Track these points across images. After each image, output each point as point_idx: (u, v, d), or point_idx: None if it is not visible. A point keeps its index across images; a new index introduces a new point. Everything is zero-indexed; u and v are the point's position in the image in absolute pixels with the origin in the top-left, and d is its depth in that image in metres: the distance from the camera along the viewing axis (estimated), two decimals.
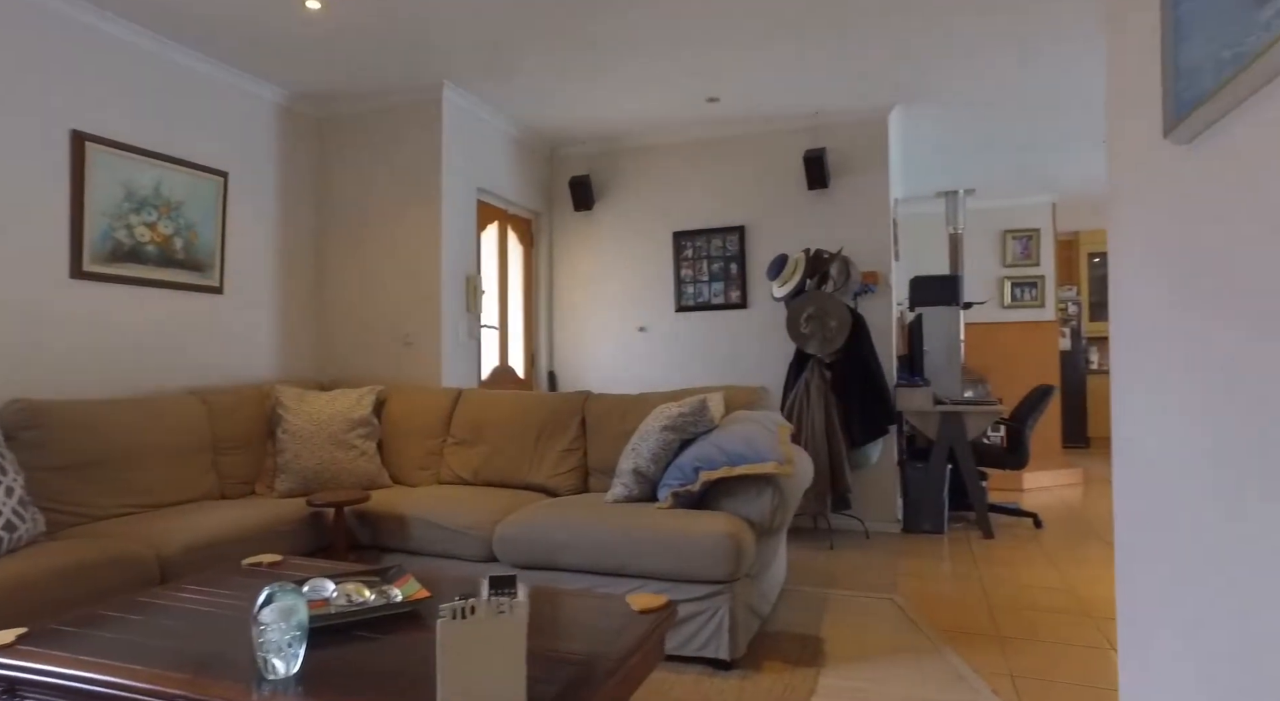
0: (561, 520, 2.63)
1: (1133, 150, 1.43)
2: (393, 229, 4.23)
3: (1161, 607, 1.32)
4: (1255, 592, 0.98)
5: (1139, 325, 1.42)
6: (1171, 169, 1.25)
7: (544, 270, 5.30)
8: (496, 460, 3.43)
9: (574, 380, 5.23)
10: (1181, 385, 1.21)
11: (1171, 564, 1.27)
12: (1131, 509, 1.47)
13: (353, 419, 3.46)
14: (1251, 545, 0.99)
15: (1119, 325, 1.54)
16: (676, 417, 2.65)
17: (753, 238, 4.79)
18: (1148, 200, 1.36)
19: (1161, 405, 1.30)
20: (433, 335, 4.15)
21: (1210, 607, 1.12)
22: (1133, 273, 1.45)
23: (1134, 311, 1.45)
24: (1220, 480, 1.08)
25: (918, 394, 4.42)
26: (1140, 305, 1.42)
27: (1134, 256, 1.44)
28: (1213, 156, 1.12)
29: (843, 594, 3.25)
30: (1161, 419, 1.30)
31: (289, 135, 4.16)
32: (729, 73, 3.99)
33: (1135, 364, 1.44)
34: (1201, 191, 1.15)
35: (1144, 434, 1.39)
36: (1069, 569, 3.64)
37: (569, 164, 5.28)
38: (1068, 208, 7.43)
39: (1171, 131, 1.19)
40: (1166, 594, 1.29)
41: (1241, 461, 1.01)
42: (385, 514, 2.91)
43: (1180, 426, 1.22)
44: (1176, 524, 1.25)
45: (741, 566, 2.41)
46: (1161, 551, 1.31)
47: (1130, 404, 1.47)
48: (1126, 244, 1.48)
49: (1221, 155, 1.09)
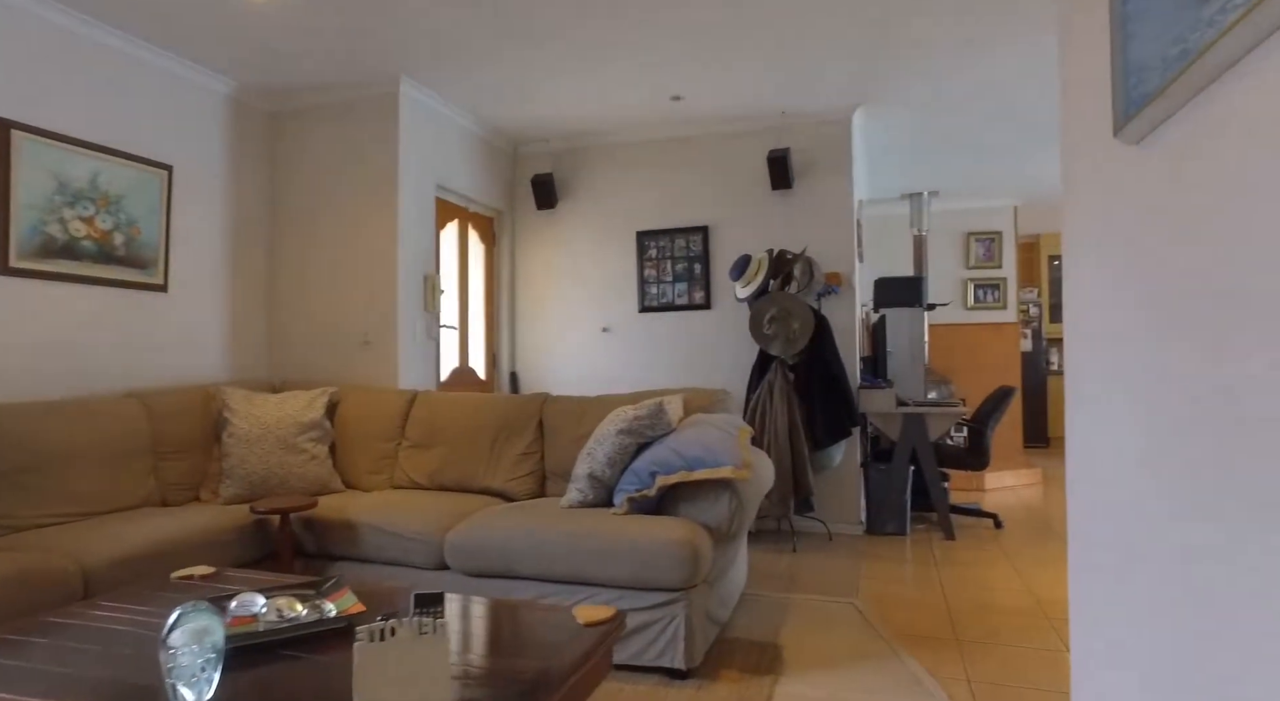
0: (514, 527, 2.56)
1: (1084, 150, 1.40)
2: (348, 226, 4.12)
3: (1109, 607, 1.30)
4: (1199, 601, 0.95)
5: (1089, 328, 1.40)
6: (1121, 169, 1.23)
7: (506, 269, 5.21)
8: (452, 464, 3.34)
9: (536, 381, 5.15)
10: (1126, 390, 1.19)
11: (1118, 567, 1.24)
12: (1082, 509, 1.45)
13: (303, 422, 3.35)
14: (1193, 550, 0.96)
15: (1072, 327, 1.52)
16: (633, 421, 2.59)
17: (716, 238, 4.75)
18: (1098, 201, 1.34)
19: (1109, 410, 1.28)
20: (389, 335, 4.04)
21: (1154, 611, 1.09)
22: (1084, 275, 1.42)
23: (1085, 314, 1.43)
24: (1161, 486, 1.05)
25: (881, 395, 4.42)
26: (1090, 308, 1.39)
27: (1085, 259, 1.42)
28: (1161, 156, 1.09)
29: (803, 598, 3.22)
30: (1111, 424, 1.28)
31: (239, 128, 4.03)
32: (693, 71, 3.95)
33: (1085, 367, 1.42)
34: (1149, 192, 1.12)
35: (1095, 437, 1.36)
36: (1028, 570, 3.66)
37: (532, 162, 5.20)
38: (1029, 210, 7.52)
39: (1121, 130, 1.17)
40: (1114, 594, 1.27)
41: (1180, 470, 0.98)
42: (333, 520, 2.82)
43: (1128, 432, 1.20)
44: (1124, 527, 1.22)
45: (698, 573, 2.37)
46: (1110, 552, 1.29)
47: (1081, 407, 1.44)
48: (1078, 246, 1.46)
49: (1168, 155, 1.06)
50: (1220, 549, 0.90)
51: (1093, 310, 1.37)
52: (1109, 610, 1.30)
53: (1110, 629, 1.30)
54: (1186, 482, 0.99)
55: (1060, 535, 4.39)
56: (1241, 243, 0.85)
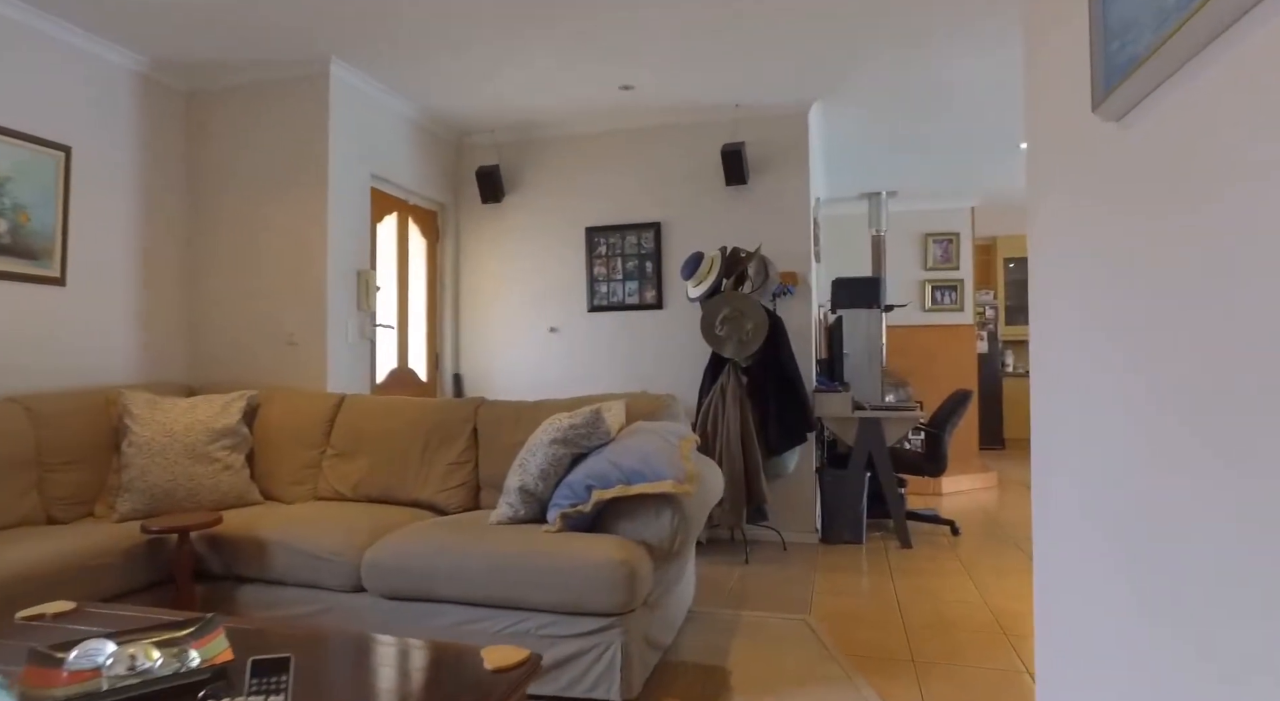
0: (437, 544, 2.34)
1: (1055, 129, 1.24)
2: (274, 217, 3.83)
3: (1077, 624, 1.13)
4: (1169, 615, 0.79)
5: (1057, 325, 1.24)
6: (1098, 150, 1.06)
7: (450, 266, 4.96)
8: (379, 473, 3.10)
9: (481, 383, 4.91)
10: (1094, 393, 1.03)
11: (1088, 580, 1.08)
12: (1047, 520, 1.29)
13: (216, 428, 3.07)
14: (1168, 562, 0.80)
15: (1039, 323, 1.36)
16: (567, 430, 2.39)
17: (669, 234, 4.57)
18: (1071, 187, 1.17)
19: (1083, 411, 1.11)
20: (318, 335, 3.77)
21: (1123, 630, 0.93)
22: (1052, 270, 1.26)
23: (1052, 314, 1.26)
24: (1139, 486, 0.89)
25: (837, 399, 4.28)
26: (1058, 307, 1.23)
27: (1053, 251, 1.26)
28: (1148, 134, 0.92)
29: (754, 615, 3.05)
30: (1089, 419, 1.11)
31: (151, 109, 3.72)
32: (643, 59, 3.76)
33: (1052, 370, 1.26)
34: (1133, 178, 0.96)
35: (1067, 440, 1.20)
36: (985, 581, 3.54)
37: (477, 154, 4.96)
38: (985, 212, 7.51)
39: (1101, 105, 1.00)
40: (1081, 611, 1.11)
41: (1163, 474, 0.82)
42: (241, 538, 2.56)
43: (1108, 425, 1.03)
44: (1091, 539, 1.06)
45: (636, 596, 2.17)
46: (1077, 566, 1.13)
47: (1050, 410, 1.28)
48: (1046, 236, 1.30)
49: (1159, 132, 0.89)
50: (1208, 568, 0.73)
51: (1058, 311, 1.21)
52: (1078, 627, 1.14)
53: (1080, 655, 1.14)
54: (1180, 481, 0.82)
55: (1018, 543, 4.31)
56: (1247, 241, 0.68)
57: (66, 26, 3.23)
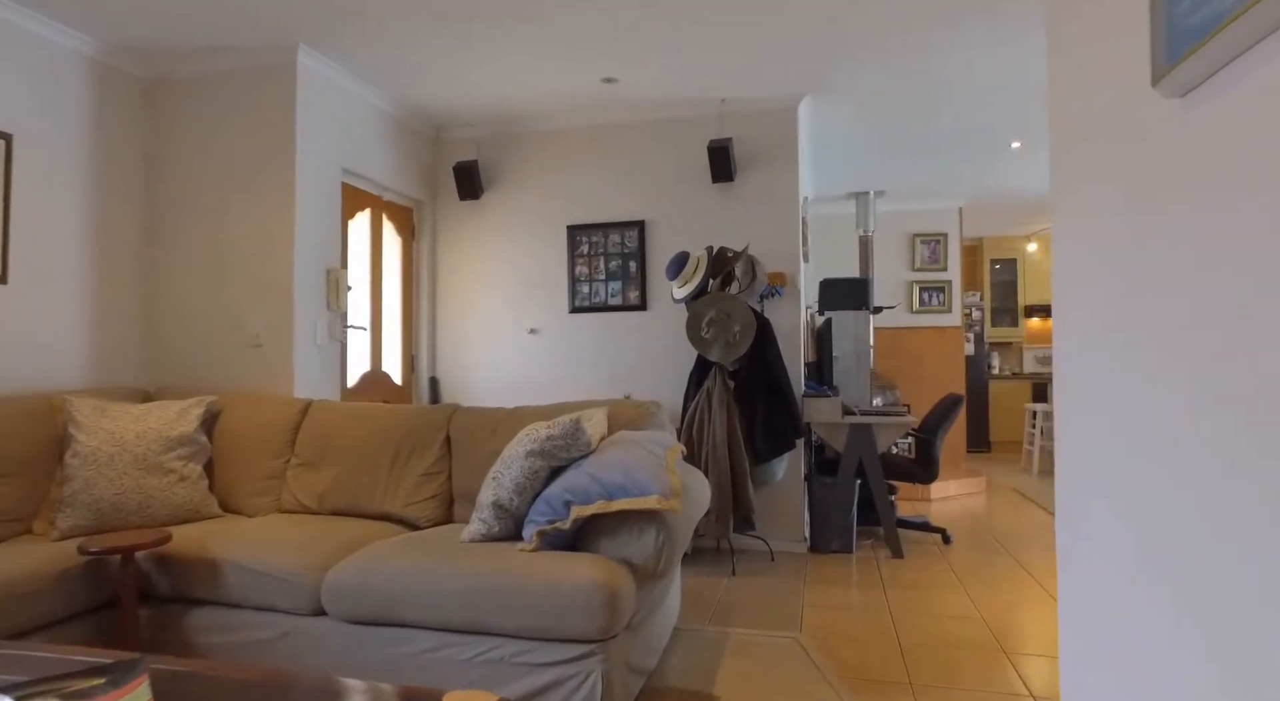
0: (404, 565, 2.17)
1: (1093, 111, 1.10)
2: (239, 212, 3.64)
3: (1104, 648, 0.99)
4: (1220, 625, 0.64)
5: (1088, 332, 1.10)
6: (1152, 132, 0.92)
7: (426, 265, 4.78)
8: (346, 485, 2.92)
9: (459, 387, 4.73)
10: (1141, 409, 0.88)
11: (1134, 613, 0.94)
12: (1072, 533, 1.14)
13: (170, 437, 2.88)
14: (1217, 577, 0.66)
15: (1066, 331, 1.21)
16: (544, 441, 2.23)
17: (653, 233, 4.42)
18: (1113, 175, 1.03)
19: (1127, 428, 0.97)
20: (285, 336, 3.58)
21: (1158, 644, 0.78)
22: (1083, 270, 1.12)
23: (1082, 320, 1.12)
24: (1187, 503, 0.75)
25: (826, 404, 4.15)
26: (1090, 313, 1.09)
27: (1084, 249, 1.12)
28: (1220, 114, 0.78)
29: (743, 633, 2.90)
30: (1134, 440, 0.97)
31: (106, 97, 3.51)
32: (627, 50, 3.60)
33: (1084, 383, 1.12)
34: (1196, 162, 0.82)
35: (1109, 463, 1.06)
36: (980, 593, 3.42)
37: (455, 148, 4.78)
38: (970, 213, 7.42)
39: (1163, 79, 0.86)
40: (1128, 652, 0.96)
41: (1221, 481, 0.68)
42: (192, 557, 2.37)
43: (1170, 452, 0.89)
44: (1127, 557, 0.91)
45: (618, 621, 2.02)
46: (1120, 597, 0.98)
47: (1083, 425, 1.14)
48: (1077, 232, 1.16)
49: (1234, 112, 0.75)
50: None
51: (1102, 315, 1.07)
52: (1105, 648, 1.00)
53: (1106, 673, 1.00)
54: (1240, 487, 0.68)
55: (1010, 551, 4.20)
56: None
57: (11, 5, 3.02)
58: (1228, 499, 0.75)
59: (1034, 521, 4.99)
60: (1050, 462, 7.42)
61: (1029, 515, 5.20)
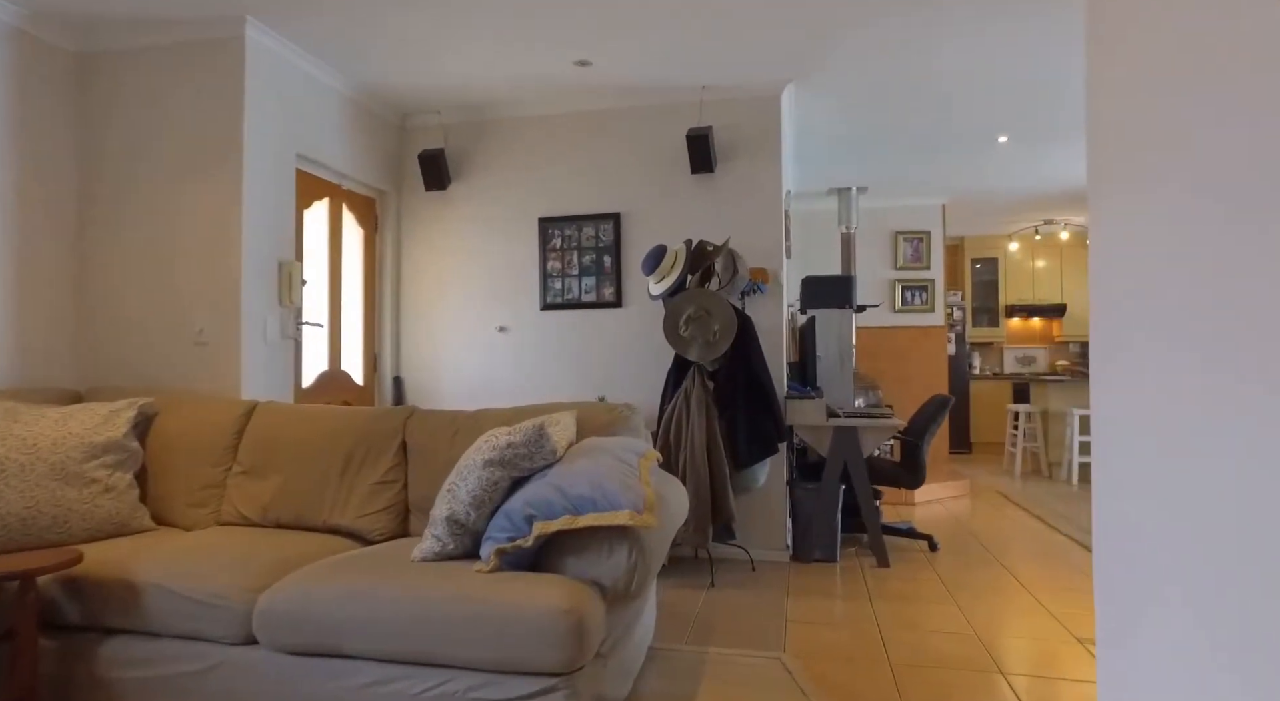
0: (345, 587, 1.93)
1: (1153, 87, 0.90)
2: (182, 199, 3.37)
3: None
4: None
5: (1153, 360, 0.90)
6: None
7: (390, 258, 4.52)
8: (292, 495, 2.67)
9: (424, 388, 4.49)
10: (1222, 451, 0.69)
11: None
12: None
13: (94, 443, 2.61)
14: None
15: (1112, 356, 1.02)
16: (504, 449, 2.01)
17: (629, 226, 4.20)
18: (1185, 159, 0.83)
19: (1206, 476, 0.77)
20: (231, 333, 3.32)
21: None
22: (1138, 280, 0.92)
23: (1145, 345, 0.92)
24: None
25: (810, 406, 3.96)
26: (1158, 336, 0.89)
27: (1139, 252, 0.92)
28: None
29: (723, 653, 2.70)
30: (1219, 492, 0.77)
31: (29, 70, 3.22)
32: (601, 31, 3.39)
33: (1138, 422, 0.92)
34: None
35: (1178, 553, 0.86)
36: (970, 605, 3.25)
37: (421, 136, 4.53)
38: (953, 211, 7.30)
39: None
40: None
41: None
42: (108, 580, 2.12)
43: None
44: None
45: (585, 650, 1.80)
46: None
47: (1141, 476, 0.94)
48: (1125, 232, 0.96)
49: None
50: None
51: (1176, 340, 0.87)
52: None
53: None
54: None
55: (997, 558, 4.04)
56: None
57: None
58: None
59: (1019, 525, 4.85)
60: (1034, 464, 7.32)
61: (1014, 519, 5.06)
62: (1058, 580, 3.61)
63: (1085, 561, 3.99)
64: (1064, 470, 6.60)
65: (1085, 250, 8.65)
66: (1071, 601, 3.28)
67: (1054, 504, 5.48)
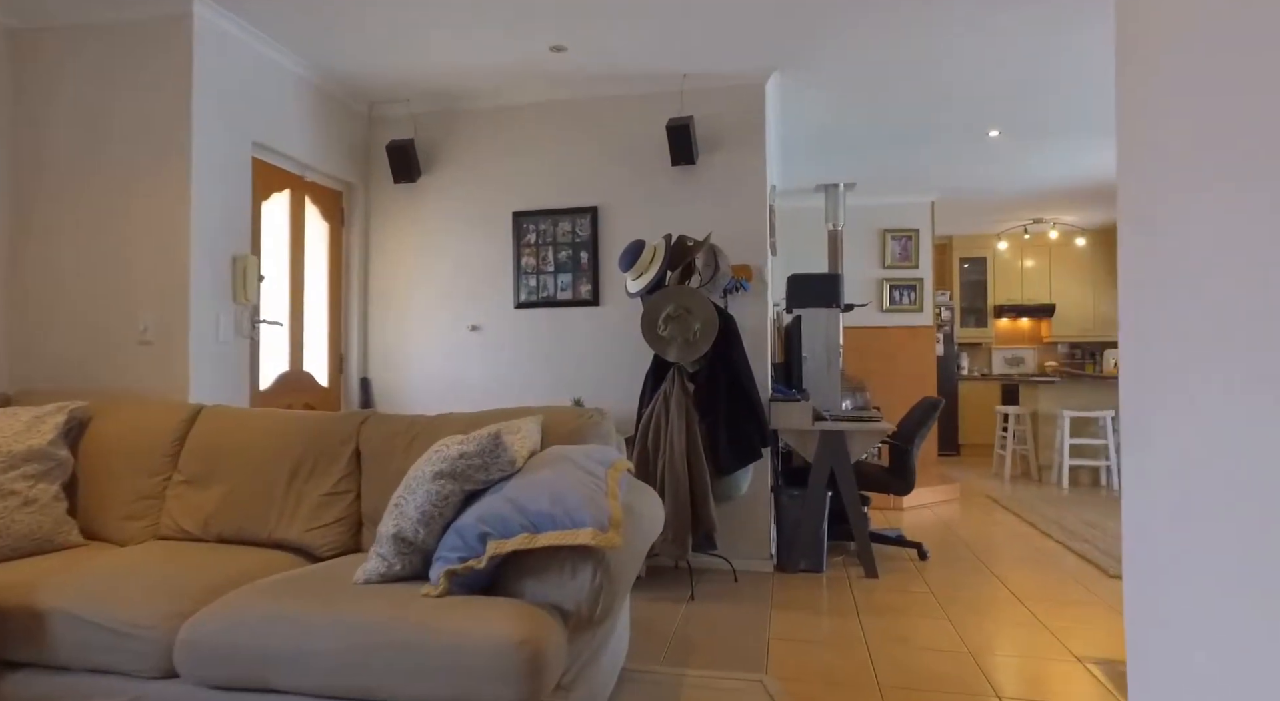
0: (274, 614, 1.73)
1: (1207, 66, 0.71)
2: (123, 187, 3.15)
3: None
4: None
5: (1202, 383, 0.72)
6: None
7: (357, 254, 4.31)
8: (235, 506, 2.46)
9: (393, 389, 4.28)
10: None
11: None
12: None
13: (15, 452, 2.40)
14: None
15: (1152, 380, 0.84)
16: (456, 460, 1.81)
17: (607, 221, 4.01)
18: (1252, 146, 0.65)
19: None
20: (179, 331, 3.11)
21: None
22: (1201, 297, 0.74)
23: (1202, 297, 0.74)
24: None
25: (796, 409, 3.79)
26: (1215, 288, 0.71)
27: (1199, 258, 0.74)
28: None
29: (701, 676, 2.51)
30: None
31: None
32: (578, 10, 3.20)
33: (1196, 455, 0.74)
34: None
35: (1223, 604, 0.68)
36: (963, 619, 3.09)
37: (390, 126, 4.32)
38: (941, 210, 7.16)
39: None
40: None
41: None
42: (12, 606, 1.90)
43: None
44: None
45: (542, 685, 1.61)
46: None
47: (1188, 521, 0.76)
48: (1174, 233, 0.78)
49: None
50: None
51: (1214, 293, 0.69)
52: None
53: None
54: None
55: (988, 566, 3.89)
56: None
57: None
58: None
59: (1010, 531, 4.70)
60: (1023, 467, 7.19)
61: (1005, 524, 4.91)
62: (1052, 590, 3.46)
63: (1078, 568, 3.84)
64: (1054, 473, 6.47)
65: (1074, 249, 8.54)
66: (1067, 614, 3.13)
67: (1044, 508, 5.34)
